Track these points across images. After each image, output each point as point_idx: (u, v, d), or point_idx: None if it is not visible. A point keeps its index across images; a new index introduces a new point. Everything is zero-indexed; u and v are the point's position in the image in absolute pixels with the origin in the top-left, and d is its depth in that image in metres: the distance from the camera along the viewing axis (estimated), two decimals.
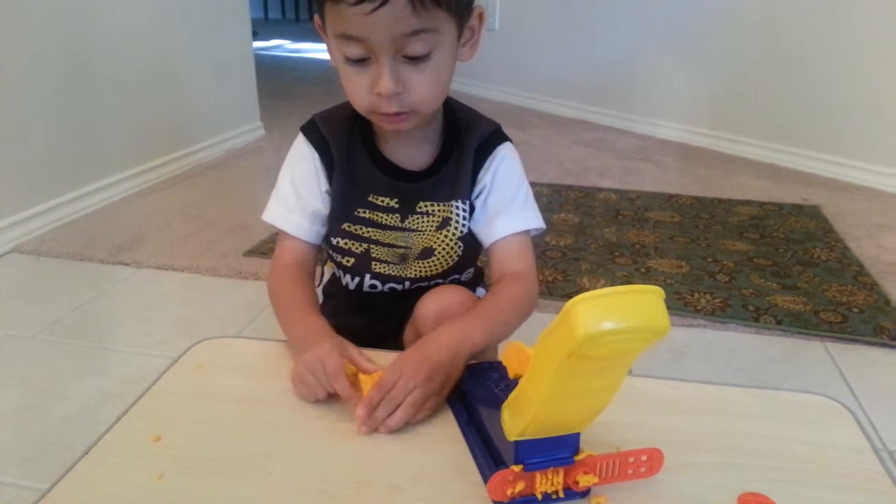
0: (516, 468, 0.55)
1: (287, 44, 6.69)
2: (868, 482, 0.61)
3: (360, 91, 0.76)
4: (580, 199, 2.49)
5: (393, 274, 0.91)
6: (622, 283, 1.80)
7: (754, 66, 2.95)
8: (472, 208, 0.89)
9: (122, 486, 0.59)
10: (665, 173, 2.84)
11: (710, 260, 1.96)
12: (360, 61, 0.73)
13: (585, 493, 0.58)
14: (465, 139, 0.87)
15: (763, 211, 2.37)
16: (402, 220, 0.88)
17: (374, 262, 0.91)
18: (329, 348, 0.71)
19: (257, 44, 4.18)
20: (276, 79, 4.52)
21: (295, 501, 0.58)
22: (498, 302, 0.82)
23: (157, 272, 1.87)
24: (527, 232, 0.89)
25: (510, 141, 0.90)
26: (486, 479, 0.58)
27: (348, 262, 0.91)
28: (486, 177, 0.88)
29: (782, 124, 2.90)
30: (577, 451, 0.57)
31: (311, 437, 0.66)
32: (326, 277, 1.06)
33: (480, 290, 1.02)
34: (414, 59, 0.72)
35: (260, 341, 0.86)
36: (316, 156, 0.87)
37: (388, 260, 0.91)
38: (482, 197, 0.89)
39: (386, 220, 0.88)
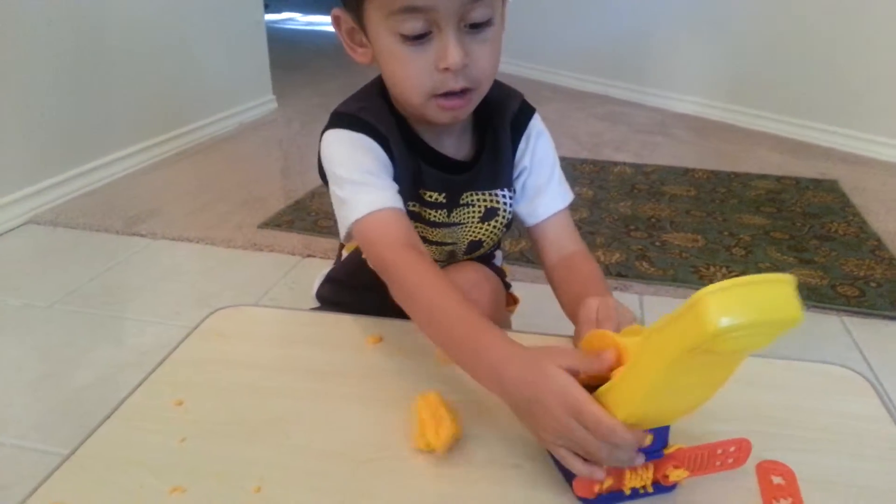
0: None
1: (298, 16, 6.64)
2: (887, 451, 0.61)
3: (422, 72, 0.69)
4: (595, 172, 2.47)
5: None
6: (637, 257, 1.79)
7: (772, 38, 2.90)
8: (514, 190, 0.87)
9: (144, 449, 0.60)
10: (681, 147, 2.81)
11: (726, 234, 1.95)
12: (419, 38, 0.68)
13: (673, 488, 0.56)
14: (497, 120, 0.83)
15: (780, 185, 2.34)
16: (449, 215, 0.84)
17: None
18: (558, 380, 0.52)
19: (269, 16, 4.15)
20: (287, 52, 4.50)
21: (314, 465, 0.58)
22: (597, 274, 0.79)
23: (173, 243, 1.88)
24: (566, 207, 0.87)
25: (535, 109, 0.87)
26: (567, 477, 0.55)
27: None
28: (525, 158, 0.85)
29: (800, 98, 2.86)
30: (666, 444, 0.54)
31: (328, 402, 0.66)
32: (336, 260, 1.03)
33: (498, 253, 1.01)
34: (476, 28, 0.68)
35: (276, 310, 0.87)
36: (378, 147, 0.76)
37: (439, 259, 0.87)
38: (522, 178, 0.86)
39: (434, 216, 0.83)
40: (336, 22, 0.75)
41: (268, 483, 0.56)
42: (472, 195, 0.83)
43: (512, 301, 1.03)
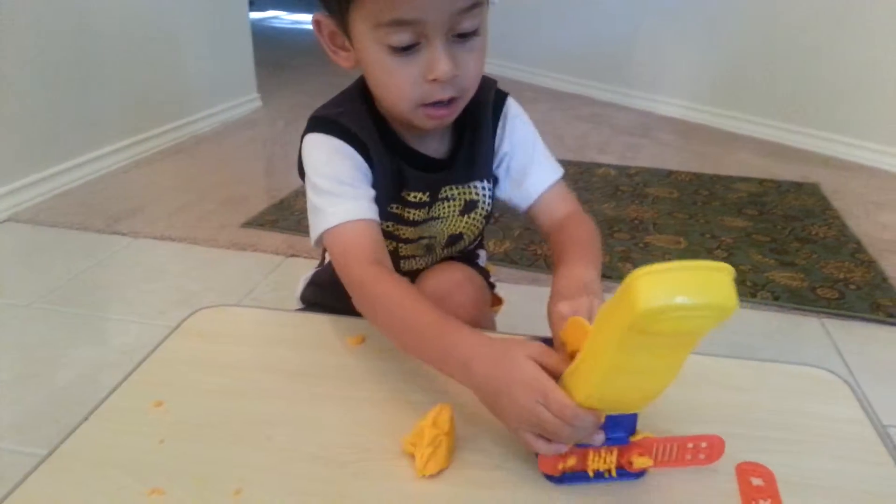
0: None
1: (283, 14, 6.61)
2: (865, 453, 0.62)
3: (409, 84, 0.69)
4: (579, 174, 2.48)
5: (421, 268, 0.89)
6: (620, 259, 1.80)
7: (756, 42, 2.93)
8: (496, 179, 0.87)
9: (123, 451, 0.59)
10: (665, 149, 2.83)
11: (708, 236, 1.96)
12: (407, 49, 0.67)
13: (640, 475, 0.57)
14: (474, 111, 0.82)
15: (762, 188, 2.36)
16: (429, 211, 0.84)
17: (402, 261, 0.88)
18: (526, 370, 0.55)
19: (254, 14, 4.13)
20: (272, 50, 4.47)
21: (295, 467, 0.58)
22: (583, 238, 0.79)
23: (155, 242, 1.86)
24: (559, 179, 0.86)
25: (507, 94, 0.86)
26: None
27: None
28: (504, 143, 0.85)
29: (783, 102, 2.88)
30: (633, 431, 0.56)
31: (310, 404, 0.66)
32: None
33: (482, 253, 1.01)
34: (463, 38, 0.68)
35: (259, 310, 0.86)
36: (356, 154, 0.76)
37: (416, 254, 0.88)
38: (504, 165, 0.86)
39: (415, 215, 0.83)
40: (317, 26, 0.75)
41: (248, 485, 0.55)
42: (450, 189, 0.83)
43: (496, 301, 1.03)
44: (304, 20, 6.28)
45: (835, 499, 0.56)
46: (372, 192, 0.76)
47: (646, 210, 2.15)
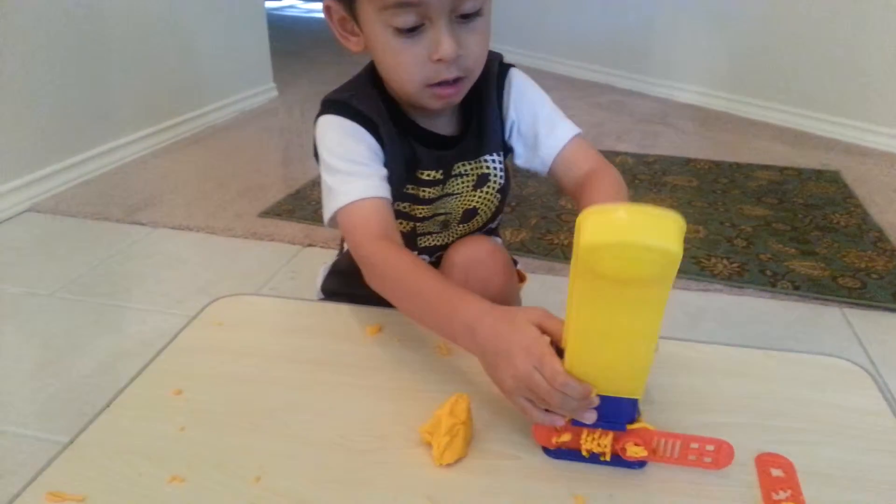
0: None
1: (299, 3, 6.61)
2: (887, 444, 0.61)
3: (415, 64, 0.71)
4: None
5: (439, 244, 0.90)
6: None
7: (775, 28, 2.89)
8: (508, 149, 0.87)
9: (143, 438, 0.60)
10: (683, 137, 2.80)
11: (727, 225, 1.94)
12: (412, 31, 0.69)
13: (640, 465, 0.57)
14: (480, 85, 0.81)
15: (782, 176, 2.33)
16: (443, 188, 0.85)
17: (419, 238, 0.89)
18: (527, 333, 0.56)
19: (269, 3, 4.13)
20: (288, 39, 4.48)
21: (314, 455, 0.58)
22: (608, 192, 0.77)
23: (173, 232, 1.88)
24: (576, 136, 0.85)
25: (511, 65, 0.87)
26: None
27: None
28: (510, 113, 0.85)
29: (803, 88, 2.84)
30: (632, 420, 0.56)
31: (329, 393, 0.66)
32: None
33: (498, 240, 1.01)
34: (467, 18, 0.70)
35: (277, 299, 0.87)
36: (368, 135, 0.78)
37: (432, 230, 0.89)
38: (515, 132, 0.86)
39: (430, 193, 0.84)
40: (327, 12, 0.77)
41: (267, 472, 0.56)
42: (463, 165, 0.84)
43: (521, 278, 1.03)
44: (319, 9, 6.27)
45: (856, 490, 0.56)
46: (384, 171, 0.78)
47: (664, 198, 2.13)
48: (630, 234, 0.44)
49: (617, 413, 0.55)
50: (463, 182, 0.85)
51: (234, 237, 1.84)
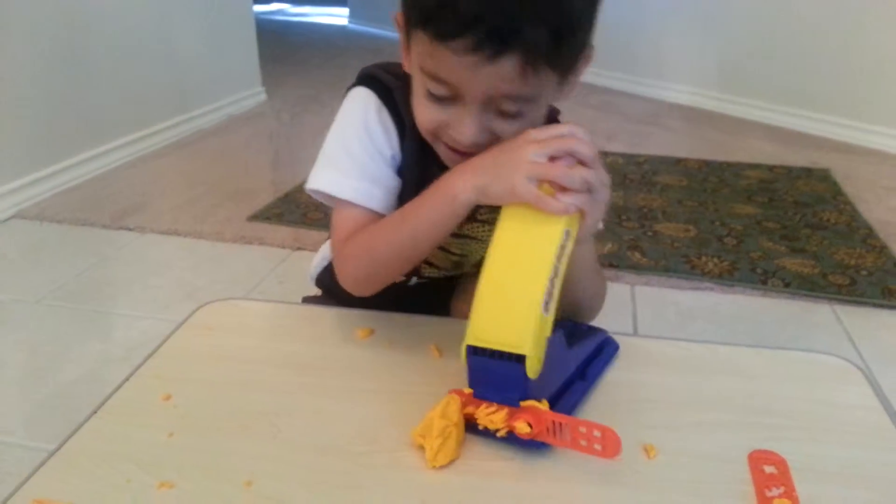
0: (468, 391, 0.56)
1: (288, 7, 6.60)
2: (878, 440, 0.61)
3: (434, 122, 0.66)
4: None
5: (440, 279, 0.86)
6: (628, 248, 1.79)
7: (764, 27, 2.90)
8: None
9: (132, 444, 0.59)
10: (673, 137, 2.81)
11: (717, 223, 1.95)
12: (443, 99, 0.64)
13: (542, 446, 0.56)
14: None
15: (772, 174, 2.34)
16: (461, 226, 0.73)
17: (423, 266, 0.84)
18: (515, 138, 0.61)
19: (258, 7, 4.12)
20: (277, 43, 4.47)
21: (305, 459, 0.57)
22: None
23: (161, 237, 1.87)
24: None
25: (558, 111, 0.81)
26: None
27: None
28: None
29: (792, 87, 2.86)
30: (525, 395, 0.55)
31: (319, 396, 0.65)
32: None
33: None
34: (504, 114, 0.64)
35: (266, 303, 0.86)
36: (395, 134, 0.74)
37: (441, 265, 0.84)
38: None
39: None
40: (397, 24, 0.70)
41: (258, 477, 0.55)
42: (489, 213, 0.74)
43: None
44: (309, 12, 6.27)
45: (849, 486, 0.55)
46: (388, 179, 0.74)
47: (655, 198, 2.14)
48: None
49: (514, 388, 0.55)
50: (486, 230, 0.78)
51: (222, 241, 1.83)
